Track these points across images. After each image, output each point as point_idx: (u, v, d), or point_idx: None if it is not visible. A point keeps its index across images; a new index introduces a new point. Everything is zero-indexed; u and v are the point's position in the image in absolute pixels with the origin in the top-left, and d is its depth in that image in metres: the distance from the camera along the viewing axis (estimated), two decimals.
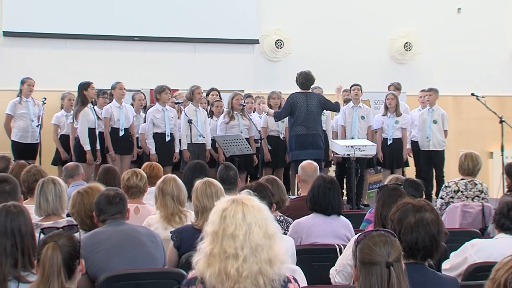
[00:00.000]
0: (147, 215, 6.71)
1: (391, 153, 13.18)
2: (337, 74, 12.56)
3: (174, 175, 6.73)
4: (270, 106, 13.05)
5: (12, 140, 12.52)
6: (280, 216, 6.68)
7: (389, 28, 15.68)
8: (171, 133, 12.44)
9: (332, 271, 5.63)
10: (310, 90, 12.07)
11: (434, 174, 13.20)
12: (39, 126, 12.32)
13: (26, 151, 12.25)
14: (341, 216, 6.69)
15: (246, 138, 12.42)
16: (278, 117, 12.33)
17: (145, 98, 13.25)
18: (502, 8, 15.90)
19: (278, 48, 15.32)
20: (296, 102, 11.85)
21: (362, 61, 14.99)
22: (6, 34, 13.94)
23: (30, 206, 5.74)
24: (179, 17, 14.65)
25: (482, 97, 12.90)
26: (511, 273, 2.64)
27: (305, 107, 11.78)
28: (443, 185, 9.19)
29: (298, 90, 11.93)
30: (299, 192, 9.12)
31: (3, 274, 4.36)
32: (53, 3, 14.08)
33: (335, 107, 12.37)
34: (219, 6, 14.83)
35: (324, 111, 12.19)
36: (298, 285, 3.93)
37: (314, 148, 11.67)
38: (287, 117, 12.25)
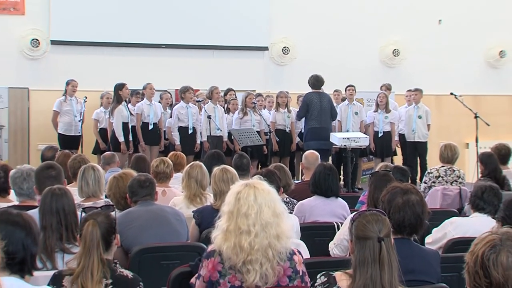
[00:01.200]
0: (173, 196, 6.73)
1: (382, 144, 13.18)
2: (336, 76, 12.55)
3: (201, 163, 6.72)
4: (278, 104, 13.07)
5: (58, 133, 12.59)
6: (286, 198, 6.68)
7: (380, 37, 15.63)
8: (193, 127, 12.45)
9: (331, 245, 5.65)
10: (321, 90, 12.12)
11: (419, 162, 13.19)
12: (81, 121, 12.41)
13: (70, 142, 12.30)
14: (339, 198, 6.70)
15: (257, 131, 12.45)
16: (298, 116, 12.51)
17: (171, 97, 13.26)
18: (476, 20, 15.82)
19: (285, 54, 15.29)
20: (311, 100, 12.01)
21: (357, 65, 14.95)
22: (53, 42, 13.97)
23: (74, 189, 5.76)
24: (200, 27, 14.63)
25: (460, 96, 12.85)
26: (487, 247, 2.63)
27: (318, 105, 11.95)
28: (426, 172, 9.21)
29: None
30: (302, 177, 9.11)
31: (50, 246, 4.39)
32: (92, 16, 14.08)
33: (334, 115, 12.51)
34: (234, 18, 14.80)
35: None
36: (302, 256, 3.95)
37: (325, 139, 11.74)
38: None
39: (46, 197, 4.59)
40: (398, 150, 13.62)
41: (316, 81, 12.09)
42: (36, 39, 13.86)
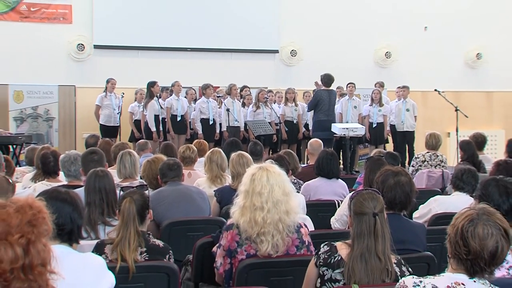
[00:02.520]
0: (197, 178, 6.73)
1: (376, 133, 13.15)
2: (336, 75, 12.48)
3: (220, 149, 6.72)
4: (286, 99, 13.08)
5: (100, 124, 12.66)
6: (294, 179, 6.67)
7: (374, 41, 15.56)
8: (213, 119, 12.46)
9: (332, 219, 5.65)
10: (331, 88, 12.16)
11: (407, 148, 13.15)
12: (119, 114, 12.51)
13: (110, 131, 12.37)
14: (339, 179, 6.70)
15: (269, 122, 12.44)
16: (309, 107, 12.45)
17: (195, 93, 13.26)
18: (457, 27, 15.73)
19: (293, 56, 15.24)
20: (321, 97, 11.97)
21: (354, 66, 14.87)
22: (96, 47, 13.99)
23: (113, 171, 5.79)
24: (220, 33, 14.61)
25: (443, 92, 12.80)
26: (466, 221, 2.65)
27: (327, 101, 11.97)
28: (414, 157, 9.20)
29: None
30: (308, 162, 9.09)
31: (94, 219, 4.44)
32: (129, 24, 14.10)
33: None
34: (250, 25, 14.74)
35: None
36: (308, 229, 3.97)
37: (331, 130, 11.73)
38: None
39: (90, 178, 4.62)
40: (390, 139, 13.58)
41: (327, 80, 12.06)
42: (82, 44, 13.90)
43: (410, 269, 3.35)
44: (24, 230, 2.09)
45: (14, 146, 10.91)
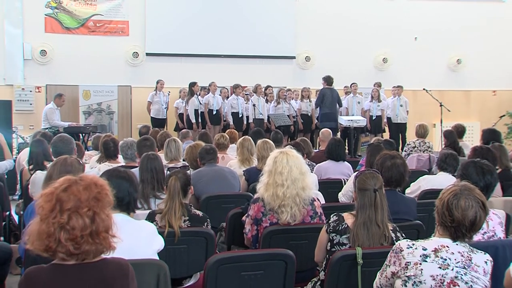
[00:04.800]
0: (229, 160, 6.74)
1: (375, 124, 13.05)
2: (342, 77, 12.44)
3: (249, 137, 6.71)
4: (302, 96, 13.05)
5: (151, 116, 12.70)
6: (308, 161, 6.65)
7: (374, 49, 15.40)
8: (242, 112, 12.47)
9: (340, 194, 5.63)
10: (332, 86, 12.18)
11: (400, 137, 13.06)
12: (166, 108, 12.55)
13: (159, 123, 12.41)
14: (345, 162, 6.69)
15: (287, 115, 12.42)
16: (316, 104, 12.47)
17: (228, 91, 13.25)
18: (442, 37, 15.52)
19: (307, 61, 15.15)
20: (325, 93, 12.06)
21: (357, 69, 14.73)
22: (148, 54, 14.03)
23: (161, 155, 5.81)
24: (248, 43, 14.56)
25: (430, 90, 12.74)
26: (451, 195, 2.65)
27: (330, 97, 12.05)
28: (406, 144, 9.12)
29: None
30: (319, 147, 9.06)
31: (146, 194, 4.46)
32: (174, 36, 14.10)
33: (340, 104, 12.49)
34: (272, 37, 14.64)
35: None
36: (320, 202, 3.95)
37: (334, 121, 11.82)
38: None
39: (144, 160, 4.64)
40: (386, 129, 13.49)
41: (329, 79, 12.15)
42: (136, 52, 13.95)
43: (403, 235, 3.34)
44: (91, 204, 2.14)
45: (83, 134, 11.10)
